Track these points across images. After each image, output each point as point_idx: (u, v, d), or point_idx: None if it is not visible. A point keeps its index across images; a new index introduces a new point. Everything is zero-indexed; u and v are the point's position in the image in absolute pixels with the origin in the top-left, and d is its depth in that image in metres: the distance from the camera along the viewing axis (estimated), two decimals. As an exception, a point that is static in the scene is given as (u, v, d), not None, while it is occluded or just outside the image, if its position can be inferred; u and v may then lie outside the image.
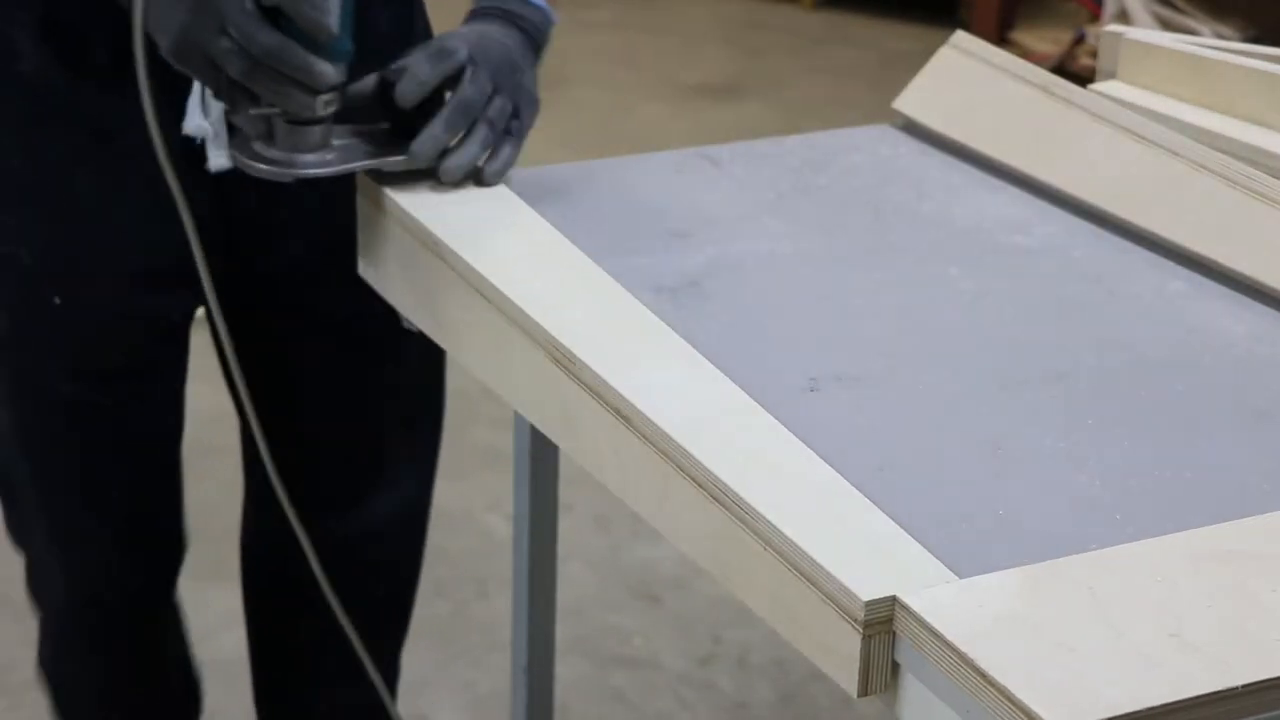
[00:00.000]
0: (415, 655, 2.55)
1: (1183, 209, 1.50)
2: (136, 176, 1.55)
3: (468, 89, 1.46)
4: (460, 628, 2.63)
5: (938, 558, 1.08)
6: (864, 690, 1.06)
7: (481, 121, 1.47)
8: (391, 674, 1.94)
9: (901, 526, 1.11)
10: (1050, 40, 4.71)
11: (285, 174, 1.44)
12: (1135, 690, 0.97)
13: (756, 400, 1.24)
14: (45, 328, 1.61)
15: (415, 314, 1.51)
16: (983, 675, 0.98)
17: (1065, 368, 1.32)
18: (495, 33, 1.51)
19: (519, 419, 1.70)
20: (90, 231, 1.58)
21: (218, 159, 1.55)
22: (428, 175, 1.50)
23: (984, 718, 0.99)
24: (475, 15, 1.55)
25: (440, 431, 1.86)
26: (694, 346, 1.31)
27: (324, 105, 1.42)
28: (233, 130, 1.49)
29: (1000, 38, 4.64)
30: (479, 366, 1.44)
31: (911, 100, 1.73)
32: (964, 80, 1.71)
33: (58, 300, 1.59)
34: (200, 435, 1.85)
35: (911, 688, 1.05)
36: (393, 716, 1.79)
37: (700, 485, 1.17)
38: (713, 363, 1.29)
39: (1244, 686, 0.98)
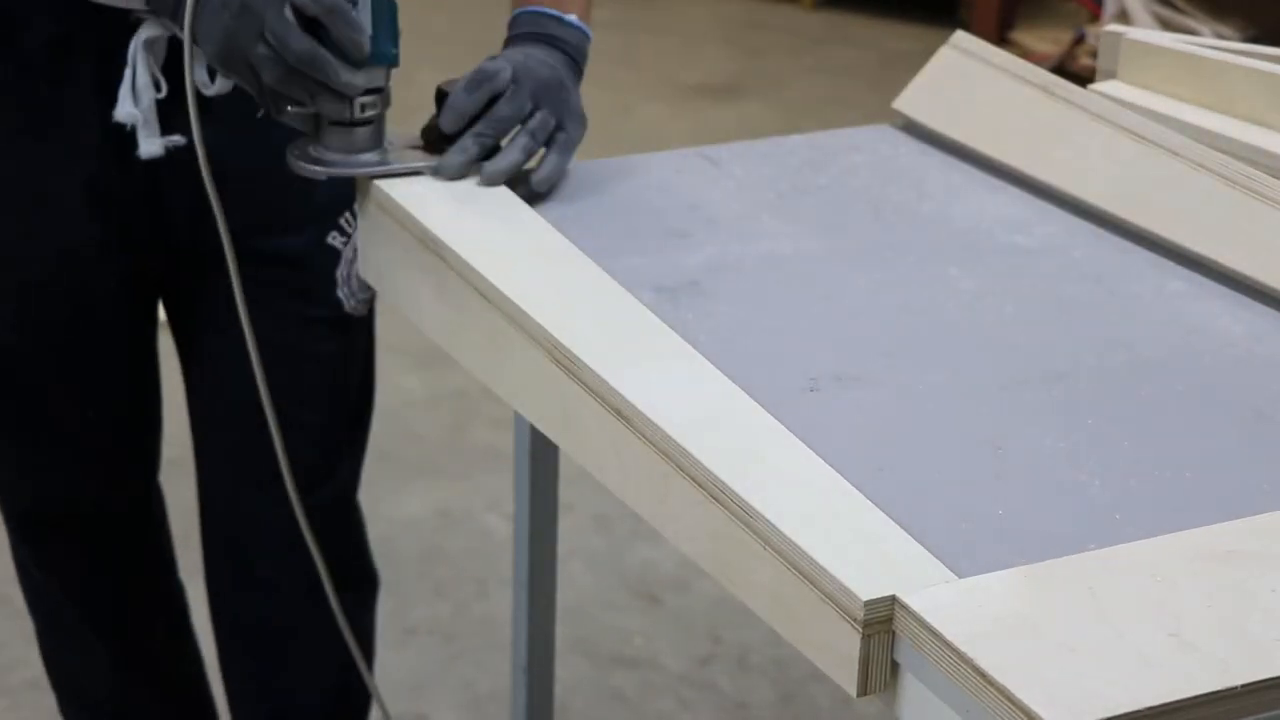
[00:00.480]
0: (415, 655, 2.56)
1: (1183, 209, 1.50)
2: (67, 160, 1.62)
3: (503, 106, 1.52)
4: (460, 628, 2.63)
5: (938, 558, 1.08)
6: (863, 690, 1.06)
7: (523, 132, 1.53)
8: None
9: (901, 526, 1.11)
10: (1050, 40, 4.71)
11: (320, 173, 1.51)
12: (1135, 690, 0.97)
13: (756, 400, 1.24)
14: None
15: (415, 313, 1.51)
16: (983, 675, 0.98)
17: (1065, 368, 1.32)
18: (539, 54, 1.56)
19: (519, 419, 1.70)
20: (23, 212, 1.65)
21: (148, 146, 1.60)
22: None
23: (984, 718, 0.99)
24: (516, 40, 1.59)
25: (370, 421, 1.87)
26: (694, 346, 1.31)
27: (361, 109, 1.47)
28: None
29: (1000, 38, 4.64)
30: (479, 366, 1.44)
31: (911, 100, 1.74)
32: (964, 80, 1.71)
33: None
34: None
35: (911, 688, 1.05)
36: (368, 684, 1.81)
37: (700, 485, 1.17)
38: (713, 363, 1.29)
39: (1243, 686, 0.98)
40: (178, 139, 1.60)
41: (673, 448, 1.19)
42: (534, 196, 1.53)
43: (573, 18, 1.59)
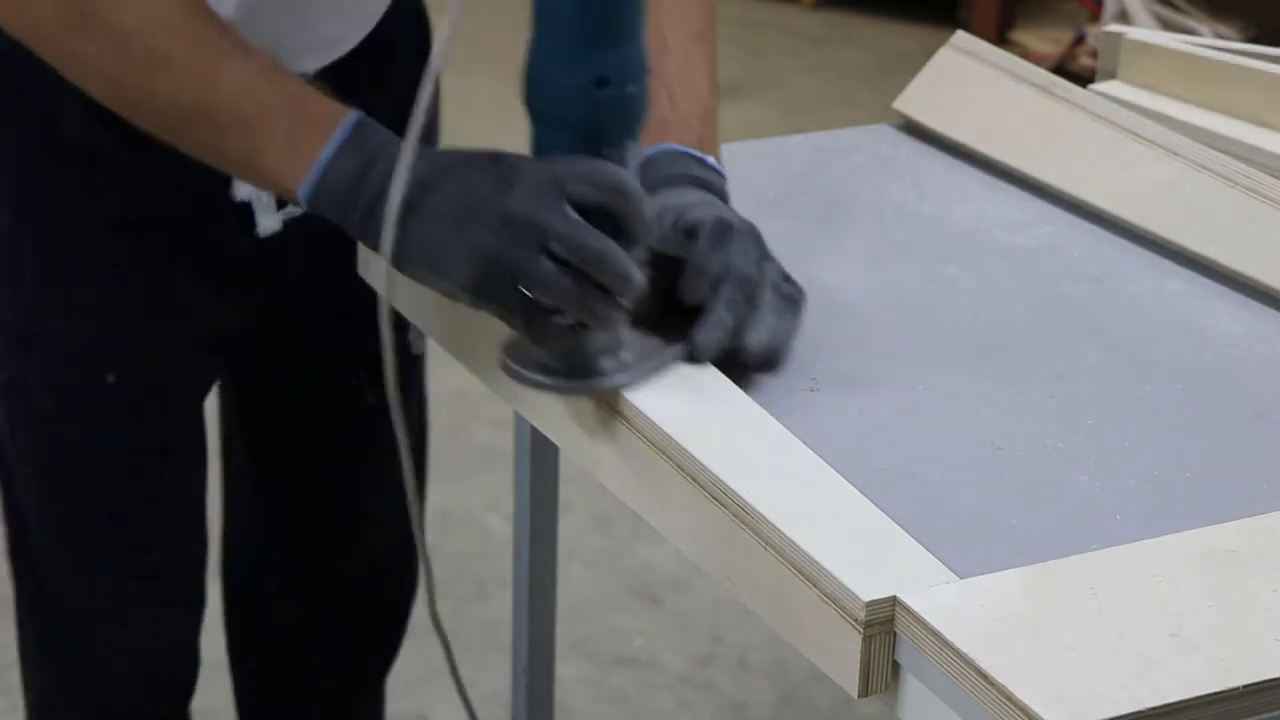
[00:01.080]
0: (415, 655, 2.55)
1: (1183, 209, 1.50)
2: (184, 244, 1.50)
3: (742, 262, 1.25)
4: (460, 628, 2.63)
5: (938, 558, 1.08)
6: (864, 691, 1.06)
7: (766, 289, 1.26)
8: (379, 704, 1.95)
9: (901, 526, 1.11)
10: (1050, 40, 4.71)
11: (596, 386, 1.23)
12: (1135, 690, 0.97)
13: (756, 400, 1.24)
14: (98, 405, 1.52)
15: (412, 311, 1.51)
16: (983, 675, 0.98)
17: (1065, 368, 1.32)
18: (706, 198, 1.32)
19: (519, 419, 1.70)
20: (142, 302, 1.50)
21: (267, 223, 1.50)
22: None
23: (984, 718, 0.99)
24: (667, 183, 1.32)
25: (427, 465, 1.85)
26: (694, 347, 1.31)
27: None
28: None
29: (1000, 38, 4.64)
30: (475, 365, 1.43)
31: (911, 100, 1.73)
32: (964, 80, 1.71)
33: (111, 378, 1.50)
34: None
35: (912, 688, 1.05)
36: None
37: (700, 485, 1.17)
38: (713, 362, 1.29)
39: (1244, 686, 0.98)
40: (294, 210, 1.48)
41: (673, 448, 1.19)
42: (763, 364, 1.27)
43: (713, 160, 1.36)
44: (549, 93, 1.18)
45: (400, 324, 1.63)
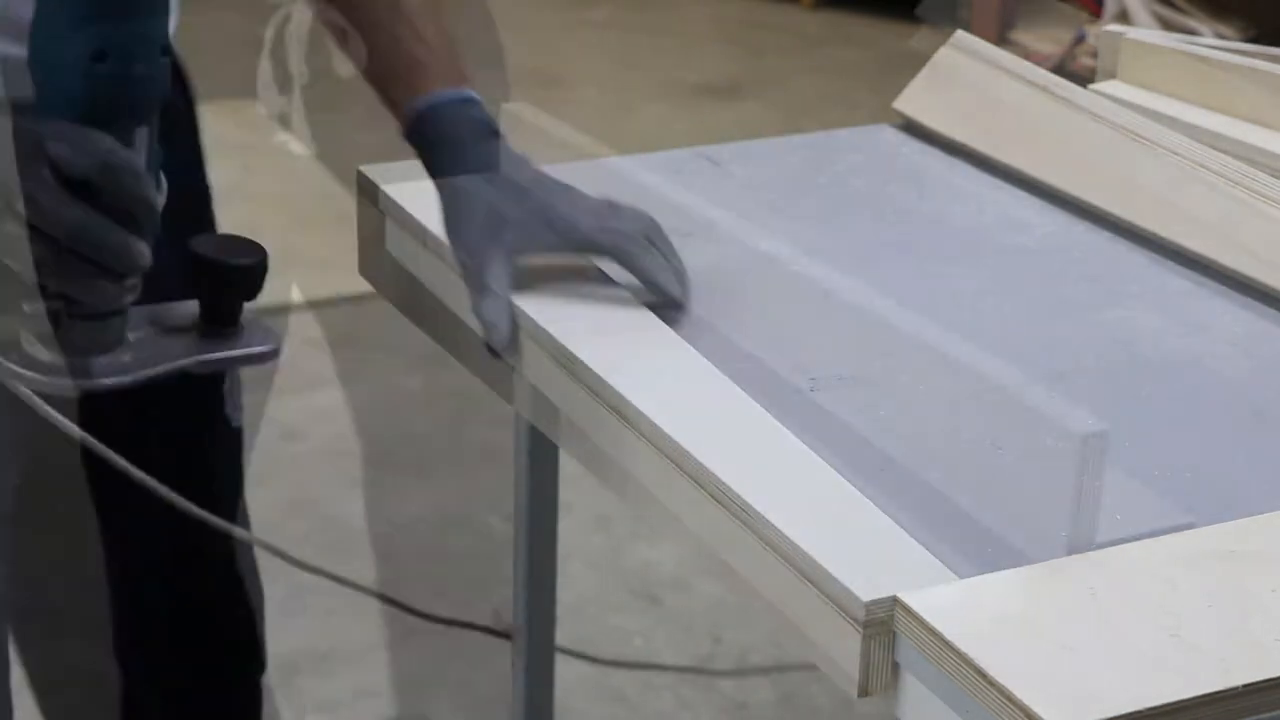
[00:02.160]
0: (415, 655, 2.56)
1: (1183, 209, 1.50)
2: None
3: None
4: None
5: (938, 558, 1.08)
6: (864, 690, 1.06)
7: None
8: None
9: (901, 527, 1.11)
10: (1050, 40, 4.71)
11: (83, 386, 1.14)
12: (1135, 690, 0.97)
13: (756, 400, 1.24)
14: None
15: (414, 313, 1.51)
16: (983, 675, 0.98)
17: (1065, 368, 1.32)
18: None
19: (519, 419, 1.70)
20: None
21: None
22: None
23: (984, 718, 0.99)
24: (476, 136, 1.39)
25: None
26: (694, 346, 1.31)
27: (129, 292, 1.13)
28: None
29: (1000, 38, 4.64)
30: (476, 364, 1.43)
31: (911, 100, 1.73)
32: (964, 80, 1.71)
33: None
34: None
35: (911, 688, 1.05)
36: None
37: (701, 486, 1.17)
38: (713, 363, 1.29)
39: (1244, 686, 0.98)
40: None
41: (672, 447, 1.19)
42: None
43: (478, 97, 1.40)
44: (44, 65, 1.06)
45: (218, 396, 1.56)
